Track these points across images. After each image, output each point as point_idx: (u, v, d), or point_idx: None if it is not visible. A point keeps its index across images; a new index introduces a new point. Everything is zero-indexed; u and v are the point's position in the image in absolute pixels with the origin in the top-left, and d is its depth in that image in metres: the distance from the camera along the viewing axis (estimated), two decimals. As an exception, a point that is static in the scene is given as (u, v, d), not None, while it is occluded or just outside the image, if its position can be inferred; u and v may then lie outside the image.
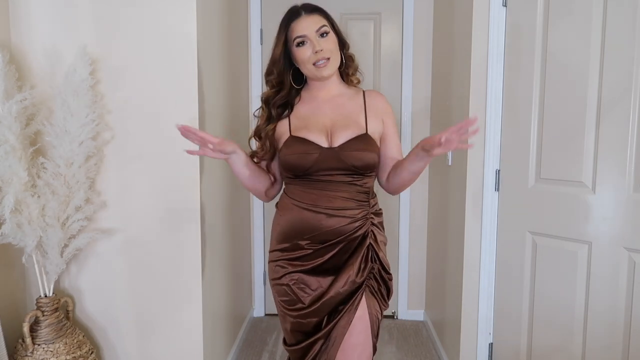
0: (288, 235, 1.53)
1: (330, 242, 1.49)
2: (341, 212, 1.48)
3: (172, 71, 1.87)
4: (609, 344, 1.83)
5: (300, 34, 1.50)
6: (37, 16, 1.85)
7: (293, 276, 1.51)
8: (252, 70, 3.10)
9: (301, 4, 1.55)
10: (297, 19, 1.51)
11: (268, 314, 3.29)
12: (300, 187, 1.53)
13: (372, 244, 1.51)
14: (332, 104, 1.57)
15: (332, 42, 1.52)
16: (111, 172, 1.91)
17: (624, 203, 1.77)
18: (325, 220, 1.48)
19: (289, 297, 1.52)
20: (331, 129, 1.52)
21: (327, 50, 1.50)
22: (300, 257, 1.51)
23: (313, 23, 1.50)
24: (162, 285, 1.96)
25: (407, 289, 3.23)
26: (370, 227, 1.52)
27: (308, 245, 1.50)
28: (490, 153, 2.16)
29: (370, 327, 1.47)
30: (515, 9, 2.06)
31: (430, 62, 3.05)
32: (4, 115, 1.61)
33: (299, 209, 1.51)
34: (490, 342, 2.27)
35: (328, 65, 1.51)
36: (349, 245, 1.49)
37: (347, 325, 1.44)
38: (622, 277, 1.79)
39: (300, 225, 1.51)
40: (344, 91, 1.61)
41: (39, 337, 1.74)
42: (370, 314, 1.47)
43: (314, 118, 1.54)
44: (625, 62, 1.72)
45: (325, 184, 1.49)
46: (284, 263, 1.53)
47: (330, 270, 1.50)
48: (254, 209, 3.20)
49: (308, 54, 1.50)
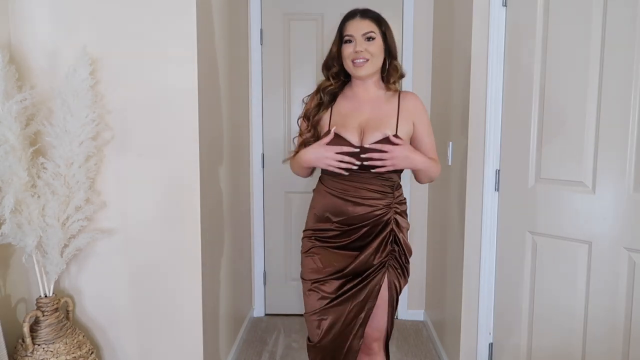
0: (321, 217, 1.73)
1: (356, 225, 1.67)
2: (367, 201, 1.66)
3: (172, 71, 1.87)
4: (609, 344, 1.83)
5: (349, 33, 1.67)
6: (37, 16, 1.85)
7: (321, 249, 1.72)
8: (252, 70, 3.10)
9: (362, 8, 1.72)
10: (351, 20, 1.69)
11: (268, 314, 3.29)
12: (333, 177, 1.71)
13: (394, 229, 1.68)
14: (370, 104, 1.72)
15: (376, 47, 1.67)
16: (111, 172, 1.91)
17: (624, 203, 1.77)
18: (352, 207, 1.67)
19: (315, 264, 1.71)
20: (365, 128, 1.67)
21: (367, 53, 1.65)
22: (330, 236, 1.71)
23: (362, 27, 1.66)
24: (162, 285, 1.96)
25: (407, 289, 3.22)
26: (393, 215, 1.69)
27: (337, 227, 1.69)
28: (490, 153, 2.16)
29: (389, 297, 1.69)
30: (515, 9, 2.06)
31: (430, 62, 3.05)
32: (4, 115, 1.61)
33: (331, 196, 1.70)
34: (490, 342, 2.27)
35: (365, 66, 1.66)
36: (372, 229, 1.67)
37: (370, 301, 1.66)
38: (622, 277, 1.79)
39: (332, 209, 1.70)
40: (381, 93, 1.75)
41: (39, 337, 1.74)
42: (390, 289, 1.69)
43: (352, 116, 1.70)
44: (625, 62, 1.72)
45: (355, 176, 1.66)
46: (316, 240, 1.74)
47: (354, 249, 1.69)
48: (254, 208, 3.20)
49: (350, 50, 1.66)
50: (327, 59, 1.76)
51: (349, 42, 1.67)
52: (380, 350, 1.79)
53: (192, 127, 1.89)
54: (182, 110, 1.89)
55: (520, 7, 2.05)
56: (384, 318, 1.73)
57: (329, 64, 1.75)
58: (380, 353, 1.80)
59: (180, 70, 1.87)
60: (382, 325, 1.75)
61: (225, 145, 2.42)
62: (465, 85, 2.24)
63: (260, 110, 3.13)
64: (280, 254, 3.21)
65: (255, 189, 3.19)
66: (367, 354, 1.80)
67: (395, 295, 1.72)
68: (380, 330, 1.75)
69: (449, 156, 2.51)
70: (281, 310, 3.28)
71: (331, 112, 1.73)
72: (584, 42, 1.82)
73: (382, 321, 1.74)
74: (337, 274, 1.69)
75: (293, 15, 3.08)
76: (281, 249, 3.20)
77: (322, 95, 1.74)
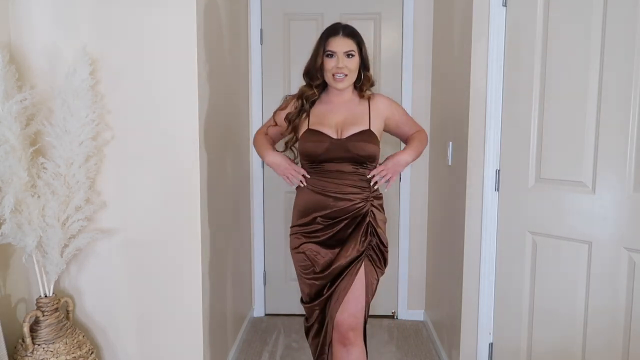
0: (304, 212, 1.87)
1: (338, 218, 1.82)
2: (347, 195, 1.82)
3: (172, 71, 1.87)
4: (609, 344, 1.83)
5: (332, 49, 1.83)
6: (37, 16, 1.85)
7: (308, 246, 1.85)
8: (252, 70, 3.10)
9: (343, 25, 1.87)
10: (334, 37, 1.84)
11: (268, 314, 3.29)
12: (315, 175, 1.86)
13: (371, 222, 1.84)
14: (344, 107, 1.91)
15: (354, 63, 1.85)
16: (111, 172, 1.91)
17: (624, 203, 1.77)
18: (333, 202, 1.82)
19: (305, 262, 1.87)
20: (341, 125, 1.86)
21: (346, 69, 1.83)
22: (314, 230, 1.85)
23: (344, 45, 1.83)
24: (162, 285, 1.96)
25: (407, 289, 3.23)
26: (370, 208, 1.85)
27: (320, 221, 1.84)
28: (490, 153, 2.16)
29: (366, 287, 1.82)
30: (515, 9, 2.06)
31: (430, 62, 3.05)
32: (4, 115, 1.61)
33: (313, 193, 1.86)
34: (490, 342, 2.27)
35: (344, 80, 1.85)
36: (352, 222, 1.83)
37: (348, 287, 1.79)
38: (622, 277, 1.79)
39: (315, 205, 1.85)
40: (354, 98, 1.94)
41: (39, 337, 1.74)
42: (367, 277, 1.82)
43: (328, 116, 1.89)
44: (625, 62, 1.72)
45: (335, 173, 1.83)
46: (301, 235, 1.88)
47: (337, 243, 1.84)
48: (254, 209, 3.20)
49: (332, 64, 1.83)
50: (309, 67, 1.89)
51: (330, 57, 1.83)
52: (357, 340, 1.82)
53: (192, 127, 1.89)
54: (182, 110, 1.89)
55: (520, 7, 2.05)
56: (359, 304, 1.79)
57: (311, 73, 1.89)
58: (357, 343, 1.82)
59: (180, 70, 1.87)
60: (359, 312, 1.80)
61: (225, 145, 2.42)
62: (465, 85, 2.24)
63: (260, 110, 3.13)
64: (280, 254, 3.21)
65: (255, 189, 3.19)
66: (343, 345, 1.81)
67: (373, 285, 1.84)
68: (356, 317, 1.80)
69: (449, 156, 2.51)
70: (281, 310, 3.28)
71: (309, 115, 1.90)
72: (584, 41, 1.82)
73: (358, 307, 1.79)
74: (324, 272, 1.82)
75: (293, 15, 3.08)
76: (281, 249, 3.20)
77: (304, 102, 1.90)
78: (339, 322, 1.79)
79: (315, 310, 1.86)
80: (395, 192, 3.15)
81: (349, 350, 1.81)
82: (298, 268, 1.91)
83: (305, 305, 1.91)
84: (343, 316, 1.79)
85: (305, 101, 1.90)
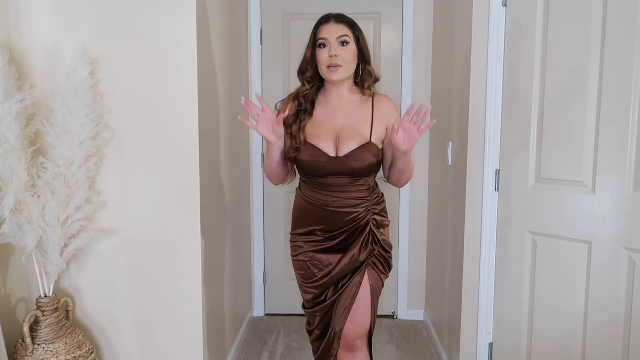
0: (303, 224, 1.80)
1: (337, 231, 1.74)
2: (345, 208, 1.72)
3: (172, 71, 1.87)
4: (609, 344, 1.83)
5: (323, 36, 1.69)
6: (37, 16, 1.85)
7: (308, 254, 1.78)
8: (252, 70, 3.10)
9: (335, 13, 1.73)
10: (325, 24, 1.71)
11: (268, 314, 3.29)
12: (311, 187, 1.77)
13: (372, 230, 1.74)
14: (343, 111, 1.75)
15: (350, 52, 1.68)
16: (111, 172, 1.91)
17: (624, 203, 1.77)
18: (330, 215, 1.73)
19: (304, 271, 1.80)
20: (339, 137, 1.71)
21: (341, 58, 1.66)
22: (314, 240, 1.78)
23: (337, 31, 1.68)
24: (162, 285, 1.96)
25: (407, 289, 3.23)
26: (371, 217, 1.74)
27: (320, 234, 1.76)
28: (490, 153, 2.16)
29: (371, 294, 1.74)
30: (515, 9, 2.06)
31: (430, 62, 3.05)
32: (4, 115, 1.61)
33: (310, 205, 1.77)
34: (490, 342, 2.27)
35: (338, 72, 1.67)
36: (353, 233, 1.74)
37: (351, 299, 1.72)
38: (622, 277, 1.79)
39: (313, 218, 1.76)
40: (355, 98, 1.77)
41: (39, 337, 1.74)
42: (371, 285, 1.74)
43: (326, 125, 1.73)
44: (625, 62, 1.72)
45: (332, 186, 1.72)
46: (301, 243, 1.80)
47: (338, 250, 1.75)
48: (254, 209, 3.20)
49: (325, 56, 1.67)
50: (302, 63, 1.77)
51: (323, 47, 1.69)
52: (363, 347, 1.80)
53: (192, 127, 1.89)
54: (182, 110, 1.88)
55: (520, 7, 2.05)
56: (367, 314, 1.75)
57: (303, 68, 1.76)
58: (363, 349, 1.80)
59: (180, 70, 1.87)
60: (365, 321, 1.76)
61: (225, 145, 2.42)
62: (465, 85, 2.24)
63: (260, 110, 3.13)
64: (280, 254, 3.21)
65: (255, 189, 3.19)
66: (349, 351, 1.79)
67: (378, 292, 1.78)
68: (363, 327, 1.76)
69: (449, 156, 2.51)
70: (281, 310, 3.28)
71: (312, 116, 1.75)
72: (584, 41, 1.82)
73: (365, 317, 1.75)
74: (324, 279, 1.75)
75: (293, 15, 3.08)
76: (281, 249, 3.20)
77: (303, 102, 1.75)
78: (346, 332, 1.74)
79: (317, 316, 1.80)
80: (395, 192, 3.15)
81: (355, 356, 1.80)
82: (298, 275, 1.85)
83: (307, 311, 1.86)
84: (350, 326, 1.74)
85: (304, 100, 1.75)
